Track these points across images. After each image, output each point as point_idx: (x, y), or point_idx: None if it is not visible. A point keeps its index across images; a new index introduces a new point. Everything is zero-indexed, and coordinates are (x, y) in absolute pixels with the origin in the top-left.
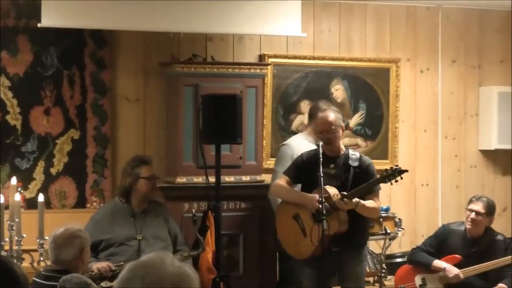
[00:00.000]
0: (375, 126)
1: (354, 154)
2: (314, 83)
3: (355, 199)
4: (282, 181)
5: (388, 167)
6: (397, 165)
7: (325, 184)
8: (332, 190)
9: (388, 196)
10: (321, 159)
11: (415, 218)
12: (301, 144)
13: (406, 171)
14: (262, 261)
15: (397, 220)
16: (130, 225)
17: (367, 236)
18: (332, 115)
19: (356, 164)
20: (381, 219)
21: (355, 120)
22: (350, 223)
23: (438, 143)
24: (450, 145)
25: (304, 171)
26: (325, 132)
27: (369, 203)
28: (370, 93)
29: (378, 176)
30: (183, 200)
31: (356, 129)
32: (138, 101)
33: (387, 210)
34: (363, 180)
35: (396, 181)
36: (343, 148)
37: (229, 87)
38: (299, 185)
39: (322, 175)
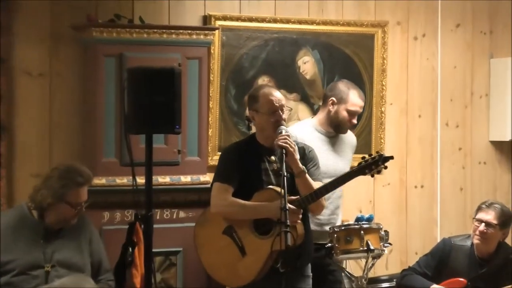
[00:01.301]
0: None
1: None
2: (276, 54)
3: (301, 166)
4: (224, 193)
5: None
6: (378, 152)
7: (267, 184)
8: (277, 191)
9: (371, 202)
10: (284, 151)
11: (406, 230)
12: (306, 134)
13: (391, 157)
14: (208, 285)
15: (382, 232)
16: (38, 248)
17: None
18: (278, 92)
19: (297, 156)
20: (361, 232)
21: None
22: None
23: (436, 133)
24: (452, 135)
25: (241, 173)
26: (278, 112)
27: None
28: (349, 67)
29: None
30: (103, 208)
31: None
32: (42, 76)
33: (369, 219)
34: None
35: (379, 171)
36: None
37: (163, 59)
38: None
39: (285, 174)
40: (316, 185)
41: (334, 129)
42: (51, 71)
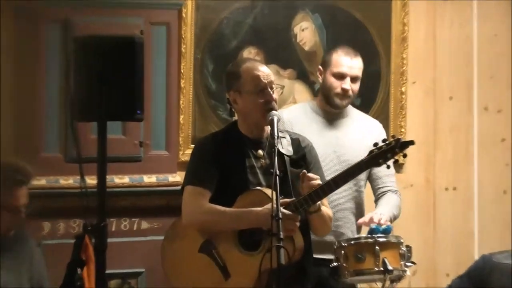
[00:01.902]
0: (368, 91)
1: (281, 133)
2: (266, 19)
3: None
4: (198, 198)
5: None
6: (394, 135)
7: (253, 185)
8: (267, 193)
9: None
10: (276, 145)
11: (434, 245)
12: (298, 117)
13: (411, 142)
14: None
15: (403, 248)
16: None
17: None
18: (264, 66)
19: (290, 151)
20: (376, 248)
21: None
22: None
23: (473, 120)
24: (494, 123)
25: (220, 172)
26: (266, 91)
27: (324, 208)
28: (359, 35)
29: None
30: (42, 216)
31: None
32: None
33: (386, 231)
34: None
35: (396, 161)
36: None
37: (121, 25)
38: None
39: (278, 172)
40: (326, 208)
41: (330, 105)
42: None
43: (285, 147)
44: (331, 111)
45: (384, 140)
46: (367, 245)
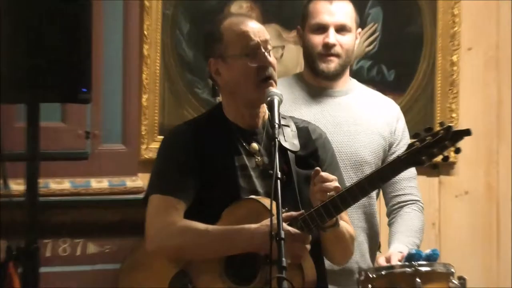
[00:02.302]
0: (405, 62)
1: (284, 120)
2: None
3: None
4: (169, 213)
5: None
6: (442, 123)
7: (246, 193)
8: (265, 204)
9: (435, 225)
10: (277, 137)
11: (498, 275)
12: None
13: (467, 132)
14: None
15: (455, 281)
16: None
17: None
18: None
19: (296, 145)
20: (417, 280)
21: (357, 46)
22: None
23: None
24: None
25: (199, 175)
26: (257, 53)
27: (344, 224)
28: None
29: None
30: None
31: (360, 67)
32: None
33: (431, 257)
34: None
35: (446, 158)
36: (265, 110)
37: None
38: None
39: (279, 175)
40: (347, 225)
41: (316, 74)
42: None
43: (289, 139)
44: (321, 85)
45: (427, 130)
46: (404, 276)
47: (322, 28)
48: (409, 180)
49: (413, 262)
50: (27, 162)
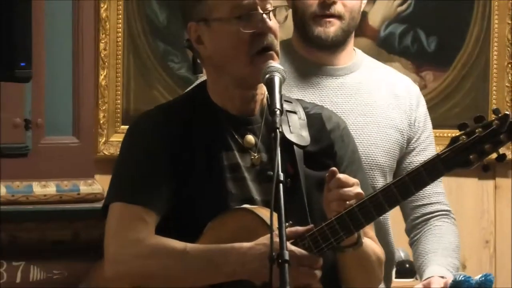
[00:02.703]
0: (451, 28)
1: (290, 105)
2: None
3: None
4: (143, 229)
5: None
6: (496, 110)
7: (238, 201)
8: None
9: (489, 243)
10: (278, 127)
11: None
12: None
13: None
14: None
15: None
16: None
17: None
18: None
19: (305, 137)
20: None
21: (385, 7)
22: None
23: None
24: None
25: (175, 178)
26: (251, 15)
27: (368, 242)
28: None
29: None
30: None
31: (390, 33)
32: None
33: (484, 285)
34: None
35: (502, 157)
36: (264, 91)
37: None
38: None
39: (281, 177)
40: (373, 243)
41: (310, 42)
42: None
43: (296, 130)
44: (318, 60)
45: (478, 119)
46: None
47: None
48: (435, 185)
49: None
50: None
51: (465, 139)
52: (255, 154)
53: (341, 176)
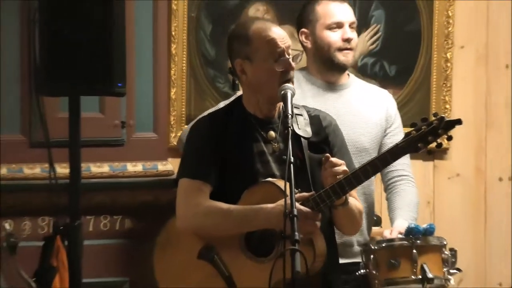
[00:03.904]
0: (405, 58)
1: (297, 110)
2: None
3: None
4: (196, 194)
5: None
6: (436, 114)
7: (264, 176)
8: (280, 186)
9: (430, 204)
10: (290, 126)
11: (485, 248)
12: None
13: (458, 122)
14: None
15: (447, 252)
16: None
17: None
18: (278, 31)
19: (308, 132)
20: (414, 251)
21: (362, 45)
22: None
23: None
24: None
25: (222, 161)
26: (283, 60)
27: (352, 200)
28: None
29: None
30: (3, 214)
31: (365, 63)
32: None
33: (428, 232)
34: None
35: (439, 145)
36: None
37: None
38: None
39: (292, 159)
40: (355, 201)
41: (333, 68)
42: None
43: (302, 127)
44: (326, 80)
45: (423, 120)
46: (403, 249)
47: (338, 26)
48: (405, 157)
49: (410, 236)
50: (70, 148)
51: (415, 133)
52: (275, 144)
53: (333, 159)
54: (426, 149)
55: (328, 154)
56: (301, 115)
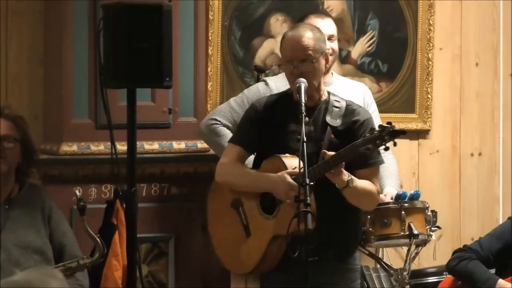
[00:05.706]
0: (395, 58)
1: (338, 103)
2: None
3: (346, 174)
4: (229, 156)
5: (415, 124)
6: (389, 123)
7: (291, 151)
8: (290, 162)
9: (415, 174)
10: (303, 112)
11: (460, 210)
12: (282, 88)
13: (402, 132)
14: (206, 282)
15: (429, 213)
16: None
17: (358, 239)
18: (308, 33)
19: (337, 122)
20: (402, 212)
21: (360, 47)
22: (329, 217)
23: (499, 86)
24: None
25: (262, 131)
26: (296, 61)
27: (363, 183)
28: (386, 2)
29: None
30: (73, 182)
31: (363, 62)
32: None
33: (414, 197)
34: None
35: (387, 148)
36: (325, 93)
37: None
38: (252, 157)
39: (305, 139)
40: (368, 184)
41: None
42: (7, 9)
43: (333, 117)
44: None
45: (379, 127)
46: (393, 211)
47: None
48: None
49: (399, 200)
50: (127, 129)
51: (368, 136)
52: (307, 127)
53: (328, 152)
54: (376, 149)
55: (324, 151)
56: (338, 107)
